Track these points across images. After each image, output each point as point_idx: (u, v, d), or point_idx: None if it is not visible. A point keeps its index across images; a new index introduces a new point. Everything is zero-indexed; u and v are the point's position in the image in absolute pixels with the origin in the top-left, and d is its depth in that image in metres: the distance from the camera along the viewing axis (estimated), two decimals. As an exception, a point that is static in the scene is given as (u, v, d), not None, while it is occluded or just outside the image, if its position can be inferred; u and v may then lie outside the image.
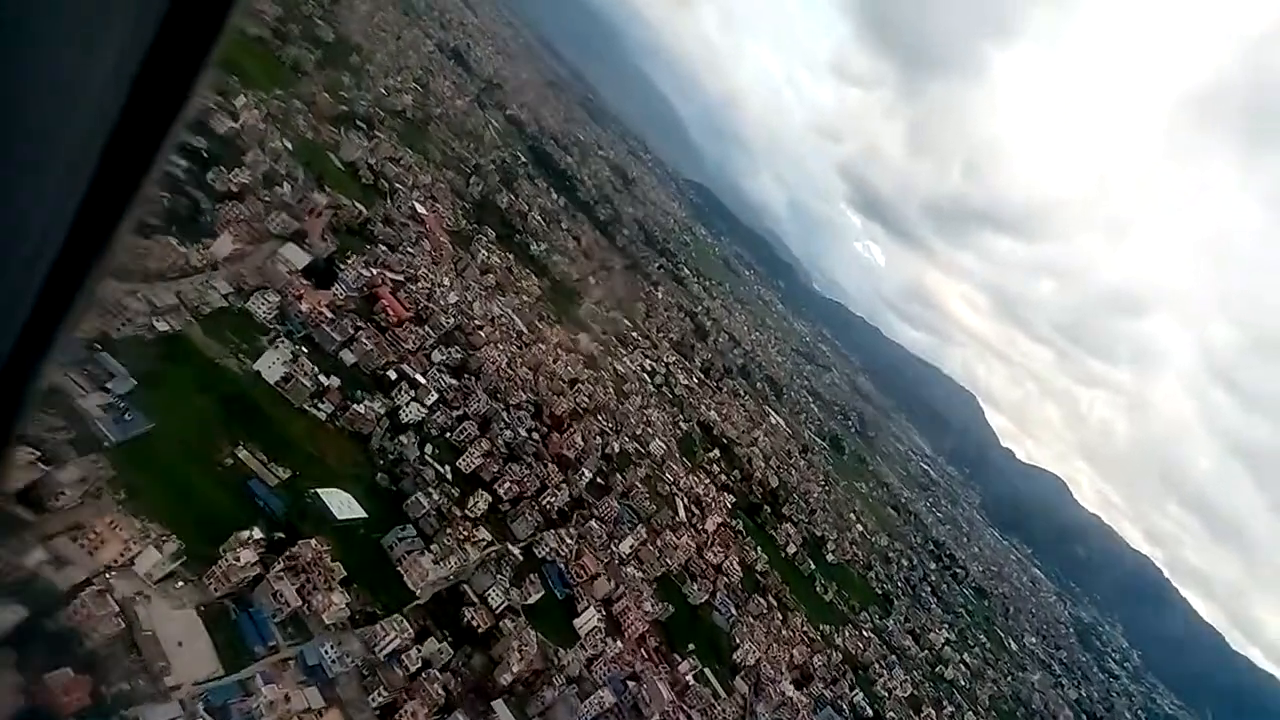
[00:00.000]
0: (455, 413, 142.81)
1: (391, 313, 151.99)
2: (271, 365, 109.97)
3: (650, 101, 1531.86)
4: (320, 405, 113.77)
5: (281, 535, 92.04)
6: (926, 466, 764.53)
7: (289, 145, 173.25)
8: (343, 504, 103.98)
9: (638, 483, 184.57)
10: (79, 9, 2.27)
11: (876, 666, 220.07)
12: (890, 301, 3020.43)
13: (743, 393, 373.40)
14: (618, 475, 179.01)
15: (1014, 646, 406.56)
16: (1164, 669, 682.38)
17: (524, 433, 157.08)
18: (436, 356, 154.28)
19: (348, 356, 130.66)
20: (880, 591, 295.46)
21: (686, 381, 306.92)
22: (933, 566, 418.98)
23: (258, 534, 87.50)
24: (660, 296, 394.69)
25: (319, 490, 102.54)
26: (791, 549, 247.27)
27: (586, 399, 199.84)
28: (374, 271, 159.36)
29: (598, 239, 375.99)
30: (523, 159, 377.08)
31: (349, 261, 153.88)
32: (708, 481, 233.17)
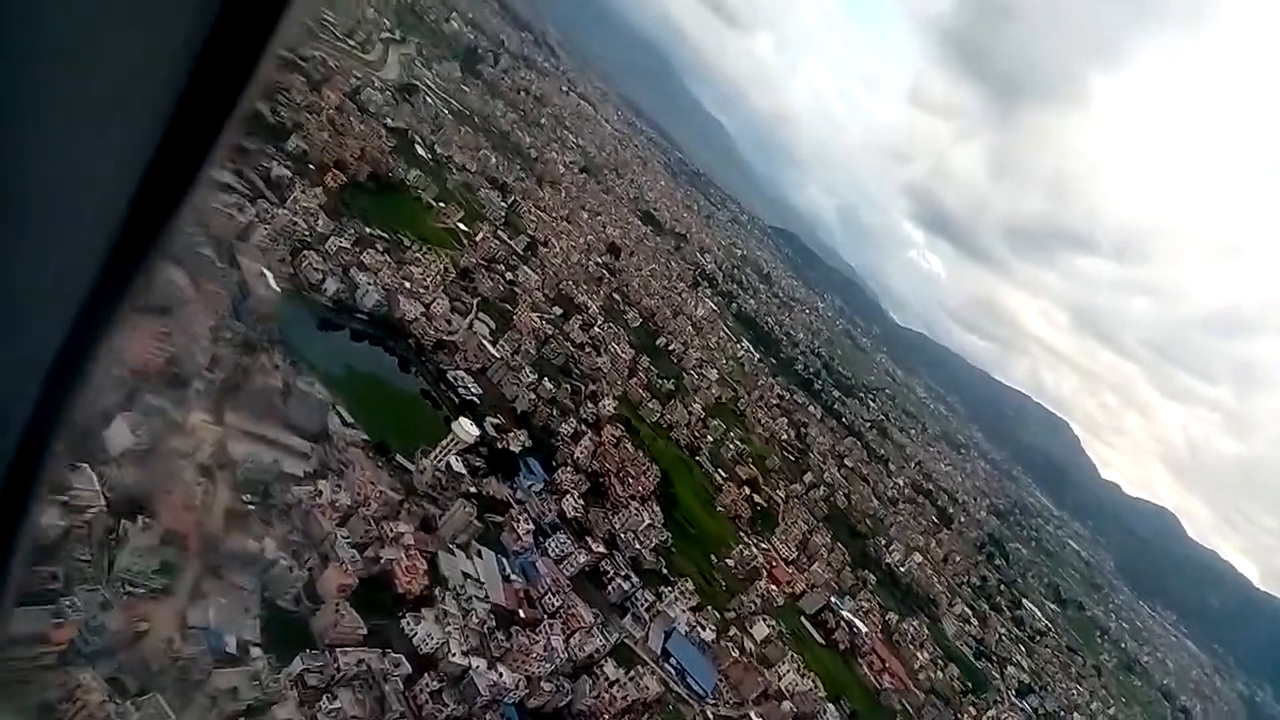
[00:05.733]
0: None
1: None
2: None
3: (699, 120, 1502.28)
4: None
5: None
6: (1076, 547, 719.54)
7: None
8: None
9: None
10: (94, 88, 2.07)
11: None
12: (952, 312, 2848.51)
13: (1043, 639, 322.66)
14: None
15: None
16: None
17: None
18: None
19: None
20: None
21: (1027, 662, 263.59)
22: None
23: None
24: (892, 484, 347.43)
25: None
26: None
27: None
28: None
29: (840, 437, 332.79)
30: (748, 346, 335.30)
31: None
32: None
